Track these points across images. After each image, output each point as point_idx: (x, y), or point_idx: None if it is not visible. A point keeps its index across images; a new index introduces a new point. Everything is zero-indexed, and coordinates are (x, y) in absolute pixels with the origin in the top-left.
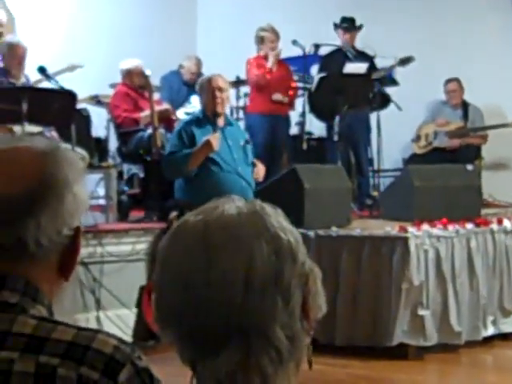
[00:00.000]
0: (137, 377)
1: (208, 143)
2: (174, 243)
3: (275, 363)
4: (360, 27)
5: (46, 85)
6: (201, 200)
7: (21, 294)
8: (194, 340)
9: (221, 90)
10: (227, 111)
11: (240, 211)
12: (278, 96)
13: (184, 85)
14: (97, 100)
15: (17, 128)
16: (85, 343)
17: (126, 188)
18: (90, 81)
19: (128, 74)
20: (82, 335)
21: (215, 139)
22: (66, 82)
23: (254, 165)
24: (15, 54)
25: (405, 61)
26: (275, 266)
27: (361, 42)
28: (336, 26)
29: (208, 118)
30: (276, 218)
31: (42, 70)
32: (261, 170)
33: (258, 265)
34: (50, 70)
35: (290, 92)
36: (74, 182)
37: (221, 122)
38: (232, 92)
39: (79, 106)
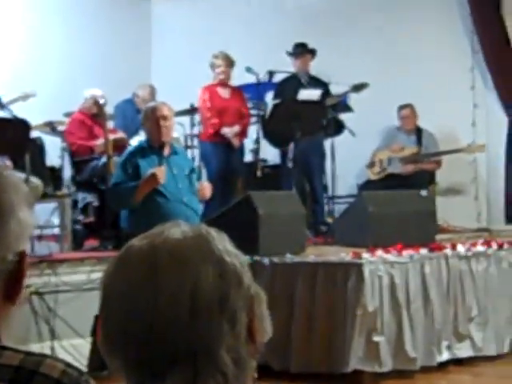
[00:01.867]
0: None
1: (153, 176)
2: (120, 268)
3: None
4: (312, 51)
5: None
6: (146, 230)
7: None
8: (141, 366)
9: (165, 118)
10: (179, 139)
11: (186, 235)
12: (225, 130)
13: (138, 113)
14: (52, 127)
15: None
16: (32, 368)
17: (80, 217)
18: (43, 109)
19: (85, 102)
20: (30, 360)
21: (161, 172)
22: (20, 110)
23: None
24: None
25: (358, 87)
26: (221, 289)
27: (315, 68)
28: (289, 54)
29: (152, 147)
30: (221, 241)
31: None
32: (207, 187)
33: (204, 288)
34: (3, 99)
35: (243, 121)
36: (19, 207)
37: (166, 151)
38: (186, 120)
39: (33, 134)
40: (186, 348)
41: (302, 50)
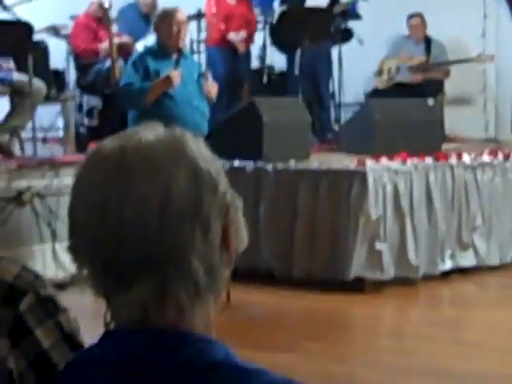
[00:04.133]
0: (39, 305)
1: (169, 78)
2: (89, 168)
3: (192, 296)
4: None
5: (2, 16)
6: None
7: None
8: (108, 271)
9: (182, 23)
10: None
11: (158, 138)
12: (232, 36)
13: (141, 17)
14: (55, 30)
15: None
16: None
17: (85, 120)
18: (49, 12)
19: (90, 5)
20: None
21: (176, 75)
22: (25, 13)
23: (203, 76)
24: None
25: None
26: (193, 195)
27: None
28: None
29: (164, 50)
30: (196, 145)
31: None
32: (213, 86)
33: (175, 193)
34: (7, 2)
35: (250, 27)
36: None
37: (175, 55)
38: (193, 25)
39: (37, 37)
40: (154, 255)
41: None
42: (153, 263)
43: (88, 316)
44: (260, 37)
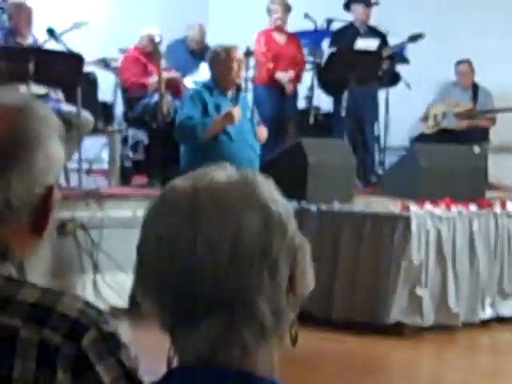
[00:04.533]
0: (101, 341)
1: (230, 115)
2: (161, 206)
3: (257, 337)
4: (375, 3)
5: (53, 46)
6: None
7: None
8: (176, 308)
9: (238, 60)
10: None
11: (230, 179)
12: (280, 75)
13: (189, 53)
14: (105, 63)
15: (23, 88)
16: (49, 305)
17: (130, 154)
18: (99, 45)
19: (141, 39)
20: (47, 297)
21: (237, 112)
22: (74, 45)
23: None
24: (22, 13)
25: (414, 37)
26: (263, 238)
27: (373, 19)
28: (350, 1)
29: (221, 86)
30: (267, 188)
31: (50, 31)
32: (263, 130)
33: (246, 236)
34: (56, 31)
35: (298, 67)
36: (47, 139)
37: (230, 92)
38: None
39: (87, 69)
40: (223, 296)
41: (365, 1)
42: (221, 303)
43: None
44: (308, 77)
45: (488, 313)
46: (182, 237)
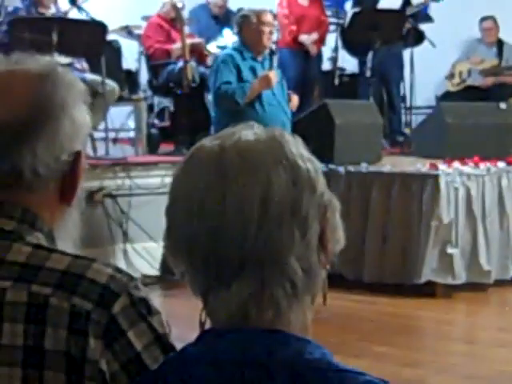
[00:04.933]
0: (132, 307)
1: (267, 78)
2: (188, 168)
3: (289, 296)
4: None
5: (76, 15)
6: None
7: (18, 221)
8: (207, 270)
9: (269, 24)
10: None
11: (258, 137)
12: (303, 38)
13: (212, 18)
14: (128, 31)
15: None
16: (79, 272)
17: (156, 121)
18: (121, 13)
19: (163, 6)
20: (77, 264)
21: (274, 75)
22: (97, 13)
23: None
24: None
25: None
26: (293, 195)
27: None
28: None
29: (251, 50)
30: (295, 145)
31: (72, 0)
32: (295, 100)
33: (275, 193)
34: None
35: (322, 29)
36: (72, 106)
37: (260, 56)
38: None
39: (110, 37)
40: (253, 255)
41: None
42: (252, 262)
43: None
44: (332, 39)
45: None
46: (211, 197)
